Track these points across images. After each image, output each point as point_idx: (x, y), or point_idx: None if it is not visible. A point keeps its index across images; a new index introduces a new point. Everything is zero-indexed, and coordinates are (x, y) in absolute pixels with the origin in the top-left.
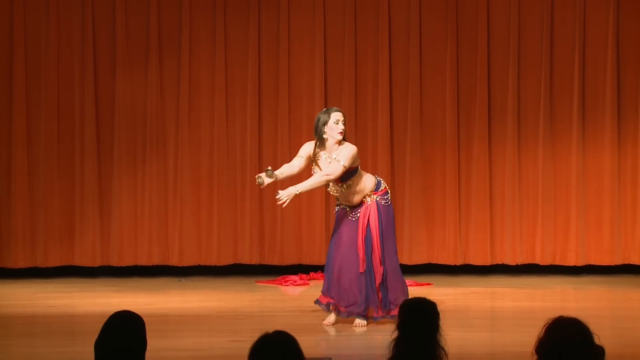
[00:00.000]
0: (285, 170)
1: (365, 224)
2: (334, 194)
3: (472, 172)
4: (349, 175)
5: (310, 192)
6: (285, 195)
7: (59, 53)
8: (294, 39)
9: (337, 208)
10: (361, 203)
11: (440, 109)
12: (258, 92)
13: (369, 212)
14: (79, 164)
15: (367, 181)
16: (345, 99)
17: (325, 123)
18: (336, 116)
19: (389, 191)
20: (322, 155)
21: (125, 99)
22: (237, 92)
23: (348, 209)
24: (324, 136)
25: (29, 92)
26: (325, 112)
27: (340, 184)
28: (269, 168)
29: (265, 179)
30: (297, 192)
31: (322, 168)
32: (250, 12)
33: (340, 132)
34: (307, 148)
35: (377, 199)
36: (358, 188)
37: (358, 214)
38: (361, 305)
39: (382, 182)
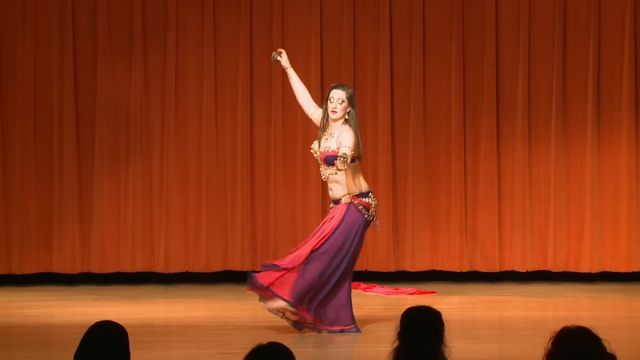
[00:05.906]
0: (300, 87)
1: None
2: (323, 179)
3: (479, 173)
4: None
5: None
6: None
7: (35, 44)
8: (288, 28)
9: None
10: (338, 201)
11: (445, 104)
12: (250, 86)
13: (336, 212)
14: (57, 163)
15: (357, 181)
16: None
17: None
18: (331, 94)
19: (374, 212)
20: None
21: (107, 94)
22: (227, 86)
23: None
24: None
25: (3, 86)
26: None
27: (326, 167)
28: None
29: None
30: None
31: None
32: None
33: (333, 111)
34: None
35: (354, 202)
36: (342, 180)
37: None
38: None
39: (372, 196)
